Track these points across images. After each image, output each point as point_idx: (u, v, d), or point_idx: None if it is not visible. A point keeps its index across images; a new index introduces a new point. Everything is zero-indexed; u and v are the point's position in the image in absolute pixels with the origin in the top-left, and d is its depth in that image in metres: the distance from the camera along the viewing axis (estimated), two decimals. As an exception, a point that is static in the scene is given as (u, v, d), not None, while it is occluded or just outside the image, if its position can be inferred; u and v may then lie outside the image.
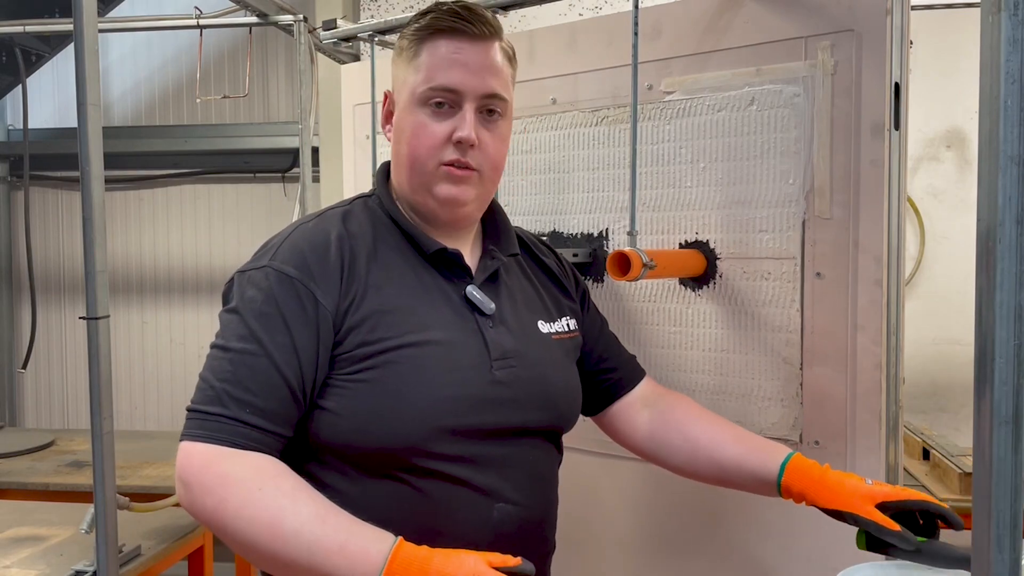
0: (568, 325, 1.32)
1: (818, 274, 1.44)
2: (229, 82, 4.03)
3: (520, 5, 1.71)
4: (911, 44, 1.38)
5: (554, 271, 1.37)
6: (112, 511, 1.46)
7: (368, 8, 3.65)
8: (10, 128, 4.37)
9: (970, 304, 0.64)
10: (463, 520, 1.12)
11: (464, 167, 1.17)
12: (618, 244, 1.69)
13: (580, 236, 1.75)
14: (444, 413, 1.11)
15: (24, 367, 3.60)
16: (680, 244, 1.61)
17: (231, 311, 1.12)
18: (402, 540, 0.99)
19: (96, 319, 1.48)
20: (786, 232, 1.47)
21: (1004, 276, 0.61)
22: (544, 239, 1.45)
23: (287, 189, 3.96)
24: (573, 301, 1.37)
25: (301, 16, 2.68)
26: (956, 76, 2.99)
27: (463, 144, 1.16)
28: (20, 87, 3.67)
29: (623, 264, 1.40)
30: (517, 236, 1.35)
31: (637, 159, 1.53)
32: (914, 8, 1.41)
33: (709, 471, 1.32)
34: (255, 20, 2.72)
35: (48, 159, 4.05)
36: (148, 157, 4.11)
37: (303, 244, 1.15)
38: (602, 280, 1.72)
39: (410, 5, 3.52)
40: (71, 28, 1.45)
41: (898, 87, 1.37)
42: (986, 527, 0.62)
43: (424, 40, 1.18)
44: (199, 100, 3.51)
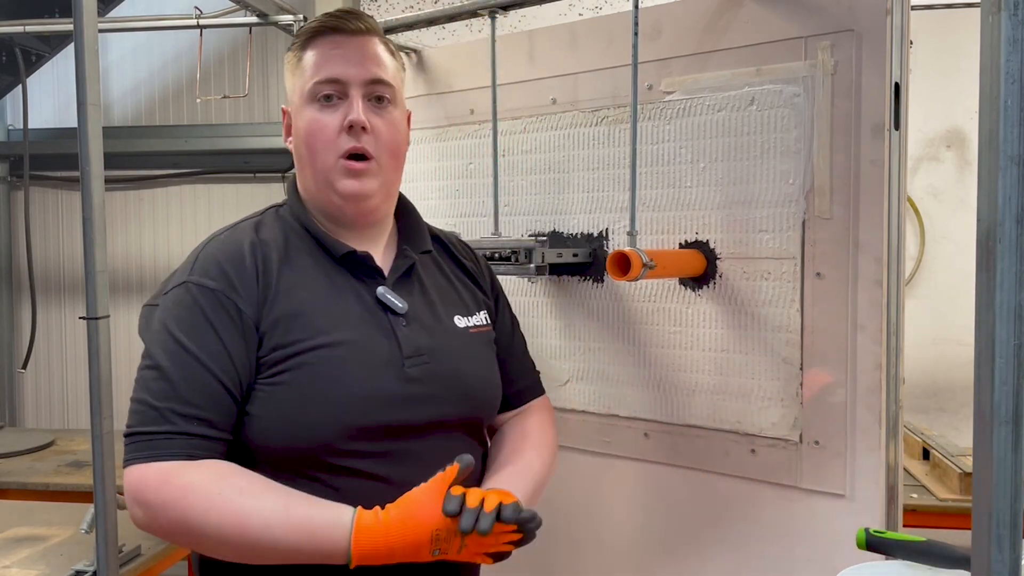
0: (486, 319, 1.35)
1: (818, 274, 1.44)
2: (229, 82, 4.03)
3: (520, 5, 1.70)
4: (911, 44, 1.38)
5: (469, 268, 1.39)
6: (112, 511, 1.46)
7: (368, 8, 3.64)
8: (10, 128, 4.37)
9: (970, 304, 0.64)
10: None
11: (361, 157, 1.20)
12: (618, 244, 1.69)
13: (580, 236, 1.75)
14: (356, 412, 1.14)
15: (24, 367, 3.61)
16: (680, 244, 1.61)
17: (154, 333, 1.15)
18: (360, 511, 1.06)
19: (96, 319, 1.49)
20: (786, 232, 1.47)
21: (1004, 276, 0.61)
22: (460, 237, 1.47)
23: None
24: (488, 298, 1.40)
25: (301, 16, 2.68)
26: (956, 76, 2.99)
27: (355, 129, 1.19)
28: (20, 87, 3.67)
29: (623, 264, 1.40)
30: (433, 235, 1.38)
31: (637, 159, 1.53)
32: (914, 8, 1.41)
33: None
34: (255, 20, 2.71)
35: (48, 159, 4.05)
36: (148, 157, 4.11)
37: (219, 255, 1.18)
38: (602, 280, 1.72)
39: (410, 5, 3.52)
40: (71, 28, 1.44)
41: (898, 87, 1.37)
42: (986, 527, 0.62)
43: (306, 45, 1.24)
44: (199, 100, 3.51)
